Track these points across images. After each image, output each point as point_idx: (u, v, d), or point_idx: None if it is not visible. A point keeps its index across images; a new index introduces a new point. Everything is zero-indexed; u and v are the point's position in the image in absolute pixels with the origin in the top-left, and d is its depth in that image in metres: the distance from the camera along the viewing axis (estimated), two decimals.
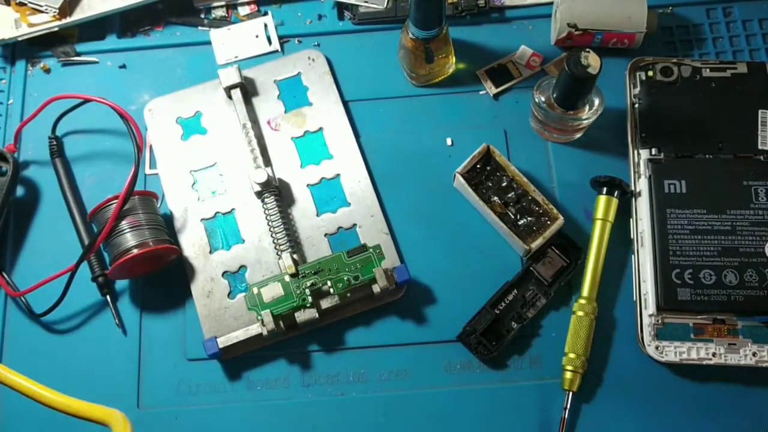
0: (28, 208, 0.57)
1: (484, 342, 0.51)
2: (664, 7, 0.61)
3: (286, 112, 0.59)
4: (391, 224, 0.55)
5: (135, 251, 0.50)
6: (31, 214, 0.57)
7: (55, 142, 0.58)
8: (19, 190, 0.58)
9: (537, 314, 0.52)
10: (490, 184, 0.54)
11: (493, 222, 0.53)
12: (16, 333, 0.54)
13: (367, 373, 0.52)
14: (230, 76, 0.57)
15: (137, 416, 0.51)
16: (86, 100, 0.56)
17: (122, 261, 0.50)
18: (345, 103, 0.59)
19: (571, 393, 0.50)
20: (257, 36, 0.62)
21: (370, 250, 0.52)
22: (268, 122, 0.58)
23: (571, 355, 0.50)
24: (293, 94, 0.59)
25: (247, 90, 0.59)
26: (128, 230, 0.51)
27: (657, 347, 0.51)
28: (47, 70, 0.61)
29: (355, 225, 0.55)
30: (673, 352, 0.50)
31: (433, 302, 0.54)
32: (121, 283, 0.55)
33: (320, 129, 0.58)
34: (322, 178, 0.57)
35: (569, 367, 0.50)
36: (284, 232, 0.53)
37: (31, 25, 0.60)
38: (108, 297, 0.54)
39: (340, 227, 0.55)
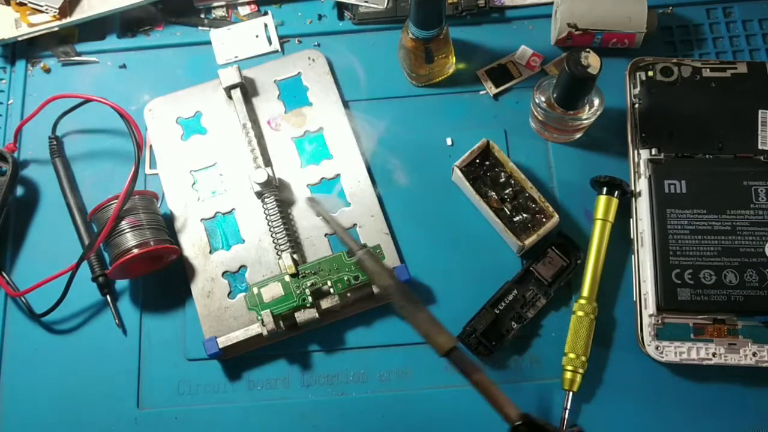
0: (28, 207, 0.57)
1: (484, 342, 0.51)
2: (664, 7, 0.61)
3: (286, 112, 0.59)
4: (391, 224, 0.55)
5: (135, 251, 0.50)
6: (31, 213, 0.57)
7: (55, 142, 0.58)
8: (19, 190, 0.58)
9: (537, 314, 0.52)
10: (488, 180, 0.54)
11: (488, 217, 0.53)
12: (16, 333, 0.54)
13: (367, 373, 0.52)
14: (230, 76, 0.57)
15: (137, 416, 0.51)
16: (86, 100, 0.55)
17: (123, 261, 0.50)
18: (345, 103, 0.59)
19: (571, 393, 0.50)
20: (257, 36, 0.62)
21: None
22: (268, 122, 0.58)
23: (571, 355, 0.50)
24: (293, 94, 0.59)
25: (247, 90, 0.59)
26: (128, 230, 0.51)
27: (657, 347, 0.51)
28: (47, 70, 0.61)
29: (355, 225, 0.55)
30: (673, 352, 0.50)
31: (433, 302, 0.54)
32: (121, 283, 0.55)
33: (320, 129, 0.58)
34: (322, 178, 0.57)
35: (569, 367, 0.50)
36: (284, 232, 0.53)
37: (31, 25, 0.60)
38: (108, 297, 0.54)
39: None
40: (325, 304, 0.51)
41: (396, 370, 0.52)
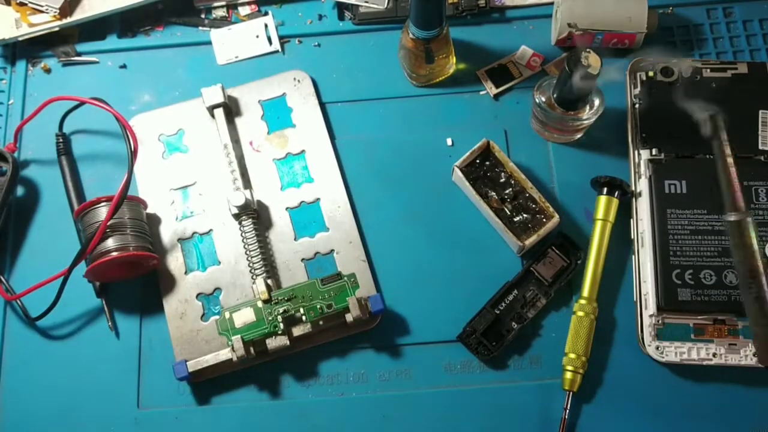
0: (28, 208, 0.57)
1: (484, 342, 0.51)
2: (664, 7, 0.61)
3: (269, 133, 0.58)
4: (369, 252, 0.55)
5: (114, 254, 0.50)
6: (31, 214, 0.57)
7: (62, 140, 0.57)
8: (19, 190, 0.58)
9: (537, 314, 0.52)
10: (488, 180, 0.54)
11: (488, 217, 0.53)
12: (16, 335, 0.54)
13: (367, 373, 0.52)
14: (214, 96, 0.56)
15: (137, 416, 0.51)
16: (83, 103, 0.55)
17: (99, 263, 0.49)
18: (329, 128, 0.58)
19: (571, 393, 0.50)
20: (258, 36, 0.62)
21: (345, 278, 0.51)
22: (250, 143, 0.57)
23: (572, 355, 0.50)
24: (277, 115, 0.58)
25: (231, 109, 0.58)
26: (110, 233, 0.50)
27: (657, 347, 0.51)
28: (48, 70, 0.61)
29: (332, 251, 0.54)
30: (674, 352, 0.50)
31: (433, 302, 0.54)
32: (121, 285, 0.55)
33: (302, 152, 0.57)
34: (302, 201, 0.56)
35: (569, 367, 0.50)
36: (260, 256, 0.52)
37: (31, 25, 0.60)
38: (103, 299, 0.53)
39: (317, 252, 0.54)
40: (297, 331, 0.50)
41: (396, 370, 0.52)
